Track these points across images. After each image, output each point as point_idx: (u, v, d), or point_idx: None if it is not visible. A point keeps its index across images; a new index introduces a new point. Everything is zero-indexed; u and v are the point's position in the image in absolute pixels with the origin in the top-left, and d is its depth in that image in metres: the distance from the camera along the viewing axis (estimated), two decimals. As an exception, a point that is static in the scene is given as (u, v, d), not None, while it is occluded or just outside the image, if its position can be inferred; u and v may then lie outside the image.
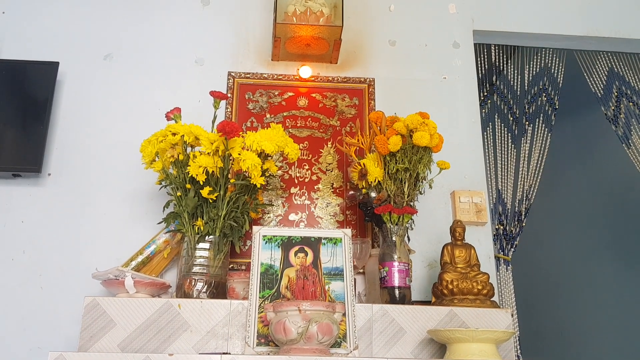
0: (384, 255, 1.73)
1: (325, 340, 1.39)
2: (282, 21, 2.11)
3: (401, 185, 1.78)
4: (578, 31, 2.50)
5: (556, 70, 2.59)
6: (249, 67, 2.25)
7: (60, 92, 2.15)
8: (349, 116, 2.21)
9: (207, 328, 1.53)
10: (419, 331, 1.59)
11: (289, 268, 1.64)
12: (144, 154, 1.72)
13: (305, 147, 2.15)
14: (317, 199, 2.08)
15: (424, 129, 1.74)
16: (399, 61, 2.33)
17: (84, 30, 2.25)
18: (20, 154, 2.00)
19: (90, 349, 1.47)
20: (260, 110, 2.19)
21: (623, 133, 2.52)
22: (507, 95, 2.55)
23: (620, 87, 2.58)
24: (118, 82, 2.19)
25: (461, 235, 1.78)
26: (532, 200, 2.38)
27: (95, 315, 1.51)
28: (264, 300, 1.56)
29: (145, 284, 1.63)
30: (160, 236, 1.88)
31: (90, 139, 2.09)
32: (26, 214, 1.98)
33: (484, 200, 2.11)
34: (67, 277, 1.90)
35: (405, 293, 1.69)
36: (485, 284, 1.69)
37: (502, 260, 2.26)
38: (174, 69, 2.22)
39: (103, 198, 2.02)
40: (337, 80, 2.25)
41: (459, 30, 2.41)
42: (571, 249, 3.38)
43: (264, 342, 1.51)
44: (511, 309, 2.17)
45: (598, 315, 3.11)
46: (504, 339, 1.48)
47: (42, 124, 2.03)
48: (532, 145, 2.46)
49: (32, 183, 2.02)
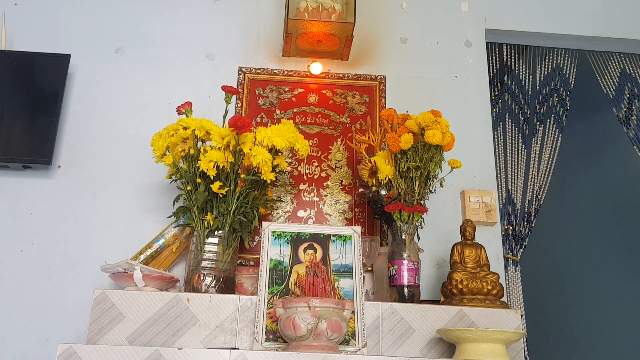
0: (393, 254, 1.73)
1: (335, 338, 1.39)
2: (293, 17, 2.10)
3: (412, 183, 1.77)
4: (590, 31, 2.48)
5: (568, 70, 2.57)
6: (260, 63, 2.25)
7: (71, 85, 2.15)
8: (359, 113, 2.20)
9: (215, 323, 1.53)
10: (427, 330, 1.59)
11: (298, 264, 1.64)
12: (155, 148, 1.71)
13: (315, 144, 2.14)
14: (326, 196, 2.08)
15: (436, 127, 1.73)
16: (410, 59, 2.32)
17: (95, 23, 2.25)
18: (31, 145, 2.00)
19: (99, 341, 1.48)
20: (270, 106, 2.18)
21: (634, 135, 2.49)
22: (519, 95, 2.54)
23: (632, 89, 2.56)
24: (129, 75, 2.19)
25: (471, 235, 1.77)
26: (541, 201, 2.37)
27: (105, 308, 1.52)
28: (273, 296, 1.56)
29: (154, 278, 1.63)
30: (169, 230, 1.88)
31: (101, 132, 2.09)
32: (36, 206, 1.98)
33: (494, 200, 2.10)
34: (75, 269, 1.90)
35: (414, 292, 1.69)
36: (495, 284, 1.68)
37: (511, 260, 2.24)
38: (185, 63, 2.22)
39: (112, 191, 2.02)
40: (347, 77, 2.24)
41: (471, 29, 2.40)
42: (580, 250, 3.36)
43: (272, 338, 1.50)
44: (520, 309, 2.16)
45: (605, 317, 3.09)
46: (514, 339, 1.47)
47: (52, 116, 2.03)
48: (543, 145, 2.44)
49: (42, 175, 2.02)
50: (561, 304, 3.43)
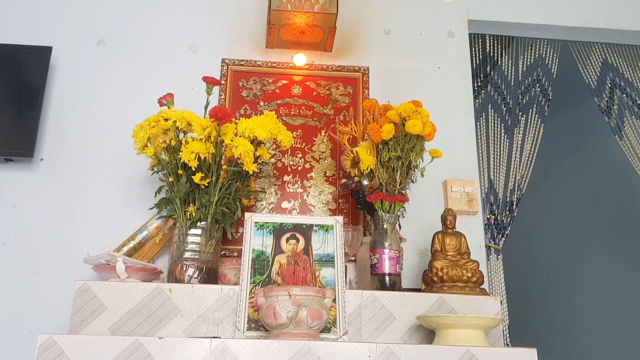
0: (375, 243, 1.74)
1: (315, 325, 1.41)
2: (276, 8, 2.09)
3: (393, 173, 1.78)
4: (572, 22, 2.50)
5: (550, 61, 2.59)
6: (243, 54, 2.25)
7: (54, 77, 2.14)
8: (343, 105, 2.21)
9: (197, 313, 1.54)
10: (408, 317, 1.61)
11: (280, 254, 1.65)
12: (136, 140, 1.72)
13: (299, 136, 2.15)
14: (310, 187, 2.09)
15: (416, 117, 1.75)
16: (393, 50, 2.33)
17: (77, 15, 2.24)
18: (13, 138, 2.00)
19: (81, 332, 1.48)
20: (254, 97, 2.19)
21: (616, 124, 2.53)
22: (501, 85, 2.56)
23: (613, 79, 2.58)
24: (111, 67, 2.18)
25: (452, 224, 1.79)
26: (523, 190, 2.39)
27: (86, 299, 1.52)
28: (255, 286, 1.57)
29: (137, 269, 1.63)
30: (152, 222, 1.88)
31: (83, 125, 2.09)
32: (18, 199, 1.98)
33: (476, 190, 2.12)
34: (58, 261, 1.90)
35: (395, 280, 1.71)
36: (474, 271, 1.70)
37: (493, 249, 2.27)
38: (168, 55, 2.21)
39: (95, 183, 2.02)
40: (331, 69, 2.25)
41: (454, 20, 2.41)
42: (563, 239, 3.40)
43: (254, 326, 1.52)
44: (501, 297, 2.19)
45: (589, 305, 3.14)
46: (492, 325, 1.49)
47: (35, 108, 2.02)
48: (525, 135, 2.46)
49: (25, 168, 2.02)
50: (545, 292, 3.47)
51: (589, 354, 3.04)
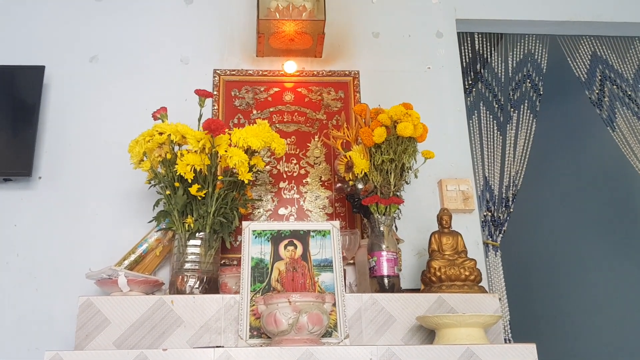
0: (372, 245, 1.76)
1: (316, 330, 1.43)
2: (265, 17, 2.12)
3: (387, 176, 1.80)
4: (560, 16, 2.52)
5: (540, 56, 2.61)
6: (235, 64, 2.27)
7: (48, 96, 2.16)
8: (335, 109, 2.23)
9: (200, 323, 1.56)
10: (408, 318, 1.63)
11: (279, 261, 1.67)
12: (132, 154, 1.74)
13: (293, 142, 2.17)
14: (306, 193, 2.11)
15: (407, 120, 1.77)
16: (383, 53, 2.35)
17: (69, 33, 2.26)
18: (10, 158, 2.02)
19: (86, 347, 1.50)
20: (247, 106, 2.21)
21: (607, 116, 2.55)
22: (492, 82, 2.58)
23: (603, 71, 2.60)
24: (104, 83, 2.20)
25: (448, 223, 1.81)
26: (519, 186, 2.41)
27: (90, 314, 1.54)
28: (256, 294, 1.59)
29: (139, 282, 1.65)
30: (151, 235, 1.90)
31: (79, 141, 2.11)
32: (18, 218, 2.00)
33: (471, 188, 2.14)
34: (61, 278, 1.92)
35: (394, 282, 1.72)
36: (472, 269, 1.72)
37: (491, 246, 2.29)
38: (160, 68, 2.24)
39: (94, 199, 2.04)
40: (322, 74, 2.27)
41: (442, 20, 2.43)
42: (561, 233, 3.41)
43: (256, 334, 1.54)
44: (500, 294, 2.21)
45: (587, 299, 3.15)
46: (491, 322, 1.51)
47: (30, 127, 2.05)
48: (518, 131, 2.48)
49: (23, 187, 2.04)
50: (545, 285, 3.49)
51: (591, 345, 3.06)
